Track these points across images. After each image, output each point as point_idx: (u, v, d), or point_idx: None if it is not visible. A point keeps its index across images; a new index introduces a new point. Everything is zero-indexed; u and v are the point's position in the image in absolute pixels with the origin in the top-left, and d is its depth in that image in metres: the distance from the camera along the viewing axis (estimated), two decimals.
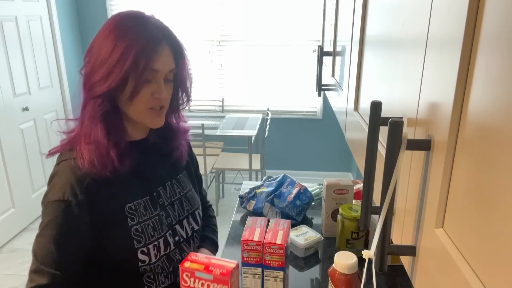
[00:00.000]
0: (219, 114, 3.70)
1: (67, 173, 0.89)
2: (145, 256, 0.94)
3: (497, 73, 0.26)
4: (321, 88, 1.25)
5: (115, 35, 0.84)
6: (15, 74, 3.00)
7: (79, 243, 0.90)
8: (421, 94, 0.39)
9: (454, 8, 0.32)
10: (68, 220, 0.88)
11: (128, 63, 0.83)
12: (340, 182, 1.40)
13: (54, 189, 0.89)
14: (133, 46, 0.83)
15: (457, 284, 0.30)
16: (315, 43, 3.63)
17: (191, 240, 1.08)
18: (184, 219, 1.06)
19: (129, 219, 0.93)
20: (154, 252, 0.96)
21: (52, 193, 0.89)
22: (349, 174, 3.99)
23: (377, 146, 0.44)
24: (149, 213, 0.97)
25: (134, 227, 0.94)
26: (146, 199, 0.98)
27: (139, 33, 0.85)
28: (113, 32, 0.85)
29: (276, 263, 1.04)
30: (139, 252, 0.93)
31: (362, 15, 0.70)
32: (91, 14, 3.77)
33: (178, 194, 1.07)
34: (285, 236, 1.05)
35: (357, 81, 0.74)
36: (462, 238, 0.31)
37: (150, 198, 0.99)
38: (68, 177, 0.88)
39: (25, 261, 2.75)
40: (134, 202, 0.95)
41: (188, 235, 1.07)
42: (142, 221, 0.95)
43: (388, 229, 0.40)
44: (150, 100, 0.90)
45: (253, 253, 1.04)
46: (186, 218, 1.07)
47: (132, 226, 0.93)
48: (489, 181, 0.27)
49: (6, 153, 2.91)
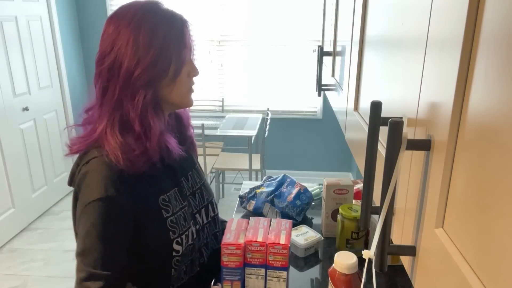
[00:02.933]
0: (219, 114, 3.70)
1: (103, 169, 0.85)
2: (179, 246, 0.96)
3: (497, 73, 0.26)
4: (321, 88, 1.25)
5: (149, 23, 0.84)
6: (15, 74, 3.00)
7: (127, 238, 0.89)
8: (421, 94, 0.39)
9: (454, 8, 0.32)
10: (115, 216, 0.86)
11: (172, 45, 0.85)
12: (340, 182, 1.39)
13: (91, 188, 0.85)
14: (172, 27, 0.86)
15: (457, 284, 0.30)
16: (315, 43, 3.63)
17: (206, 228, 1.09)
18: (203, 208, 1.07)
19: (164, 211, 0.94)
20: (185, 242, 0.97)
21: (90, 192, 0.85)
22: (349, 174, 3.98)
23: (377, 146, 0.44)
24: (179, 204, 0.98)
25: (169, 219, 0.94)
26: (175, 190, 0.98)
27: (169, 16, 0.87)
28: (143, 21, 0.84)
29: (279, 263, 1.04)
30: (174, 243, 0.95)
31: (362, 15, 0.70)
32: (91, 14, 3.77)
33: (198, 184, 1.08)
34: (288, 236, 1.05)
35: (357, 81, 0.74)
36: (462, 238, 0.31)
37: (178, 189, 0.99)
38: (105, 173, 0.85)
39: (25, 261, 2.75)
40: (166, 194, 0.96)
41: (205, 222, 1.07)
42: (175, 212, 0.96)
43: (388, 229, 0.40)
44: (188, 81, 0.93)
45: (257, 254, 1.04)
46: (205, 207, 1.08)
47: (168, 218, 0.94)
48: (489, 181, 0.27)
49: (6, 153, 2.91)
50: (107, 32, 0.87)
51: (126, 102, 0.86)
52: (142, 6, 0.87)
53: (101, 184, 0.85)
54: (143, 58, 0.84)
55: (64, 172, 3.65)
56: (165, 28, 0.85)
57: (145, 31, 0.84)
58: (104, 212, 0.84)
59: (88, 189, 0.86)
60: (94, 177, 0.86)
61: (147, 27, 0.84)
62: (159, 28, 0.85)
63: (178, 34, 0.87)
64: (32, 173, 3.22)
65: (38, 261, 2.76)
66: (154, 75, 0.85)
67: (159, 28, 0.85)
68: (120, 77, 0.85)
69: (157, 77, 0.86)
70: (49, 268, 2.68)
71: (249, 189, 1.63)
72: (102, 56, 0.87)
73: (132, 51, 0.84)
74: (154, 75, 0.85)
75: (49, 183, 3.44)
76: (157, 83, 0.87)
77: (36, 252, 2.85)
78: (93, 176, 0.86)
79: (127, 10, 0.87)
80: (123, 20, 0.85)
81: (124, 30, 0.84)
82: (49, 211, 3.42)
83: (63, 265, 2.70)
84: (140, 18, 0.85)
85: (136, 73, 0.84)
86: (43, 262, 2.75)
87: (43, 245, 2.94)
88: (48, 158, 3.41)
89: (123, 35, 0.84)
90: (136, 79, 0.84)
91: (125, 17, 0.86)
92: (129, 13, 0.86)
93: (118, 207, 0.86)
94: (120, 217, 0.87)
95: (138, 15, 0.85)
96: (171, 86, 0.89)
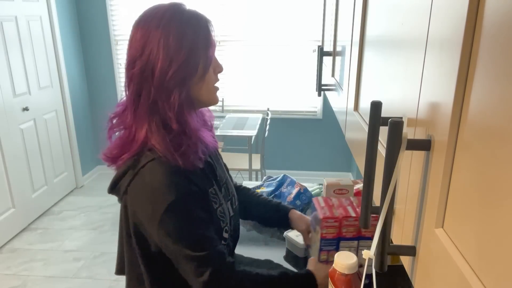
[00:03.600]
0: (219, 114, 3.70)
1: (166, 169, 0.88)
2: (227, 234, 1.03)
3: (497, 73, 0.26)
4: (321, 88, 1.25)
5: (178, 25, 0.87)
6: (15, 74, 3.00)
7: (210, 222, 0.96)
8: (421, 94, 0.39)
9: (454, 8, 0.32)
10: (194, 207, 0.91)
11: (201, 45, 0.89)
12: (340, 182, 1.39)
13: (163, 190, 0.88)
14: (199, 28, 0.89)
15: (457, 284, 0.30)
16: (315, 43, 3.63)
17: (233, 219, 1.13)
18: (229, 201, 1.11)
19: (213, 203, 0.99)
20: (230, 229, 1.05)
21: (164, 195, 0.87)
22: (349, 174, 3.98)
23: (377, 146, 0.44)
24: (221, 196, 1.04)
25: (218, 209, 1.01)
26: (216, 184, 1.04)
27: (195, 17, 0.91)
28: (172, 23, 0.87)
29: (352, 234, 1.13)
30: (224, 231, 1.02)
31: (362, 15, 0.70)
32: (91, 14, 3.77)
33: (224, 179, 1.12)
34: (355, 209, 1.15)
35: (357, 81, 0.74)
36: (462, 238, 0.31)
37: (216, 182, 1.04)
38: (169, 172, 0.88)
39: (25, 261, 2.75)
40: (212, 187, 1.01)
41: (231, 214, 1.11)
42: (221, 204, 1.03)
43: (388, 229, 0.40)
44: (214, 78, 0.96)
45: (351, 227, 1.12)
46: (230, 200, 1.12)
47: (217, 209, 1.00)
48: (489, 181, 0.27)
49: (6, 153, 2.91)
50: (135, 37, 0.89)
51: (161, 103, 0.89)
52: (168, 8, 0.90)
53: (171, 184, 0.88)
54: (175, 58, 0.86)
55: (64, 172, 3.65)
56: (192, 28, 0.88)
57: (175, 32, 0.86)
58: (187, 209, 0.90)
59: (160, 192, 0.88)
60: (161, 179, 0.88)
61: (176, 28, 0.87)
62: (187, 28, 0.88)
63: (205, 33, 0.90)
64: (32, 173, 3.22)
65: (38, 261, 2.76)
66: (187, 74, 0.88)
67: (187, 28, 0.88)
68: (154, 78, 0.87)
69: (189, 75, 0.89)
70: (49, 268, 2.68)
71: None
72: (133, 60, 0.89)
73: (164, 52, 0.86)
74: (187, 74, 0.88)
75: (49, 183, 3.44)
76: (189, 81, 0.90)
77: (36, 252, 2.85)
78: (158, 178, 0.88)
79: (154, 13, 0.89)
80: (152, 23, 0.87)
81: (153, 33, 0.87)
82: (49, 211, 3.42)
83: (63, 265, 2.70)
84: (169, 19, 0.87)
85: (170, 73, 0.86)
86: (43, 262, 2.75)
87: (43, 245, 2.94)
88: (48, 158, 3.41)
89: (153, 38, 0.86)
90: (170, 79, 0.87)
91: (153, 20, 0.88)
92: (156, 16, 0.88)
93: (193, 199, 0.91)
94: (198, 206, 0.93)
95: (166, 17, 0.88)
96: (200, 84, 0.93)
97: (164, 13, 0.88)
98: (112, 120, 0.97)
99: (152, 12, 0.90)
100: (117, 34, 3.82)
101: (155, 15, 0.88)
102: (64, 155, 3.64)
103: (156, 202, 0.88)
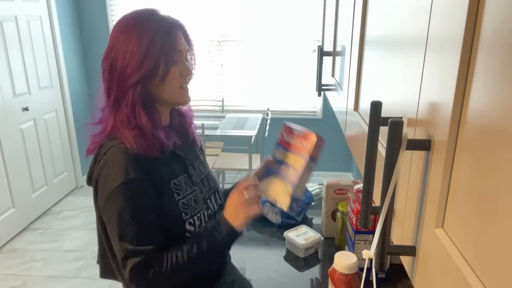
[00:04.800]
0: (219, 114, 3.70)
1: (121, 156, 0.94)
2: (191, 227, 1.04)
3: (497, 73, 0.26)
4: (321, 88, 1.25)
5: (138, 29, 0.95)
6: (15, 74, 3.00)
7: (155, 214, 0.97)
8: (421, 94, 0.39)
9: (454, 8, 0.32)
10: (141, 196, 0.95)
11: (157, 49, 0.94)
12: (340, 182, 1.39)
13: (113, 175, 0.93)
14: (158, 33, 0.95)
15: (457, 284, 0.30)
16: (315, 43, 3.63)
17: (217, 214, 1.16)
18: (212, 195, 1.16)
19: (175, 194, 1.02)
20: (198, 223, 1.05)
21: (113, 179, 0.93)
22: (349, 174, 3.98)
23: (377, 146, 0.44)
24: (189, 188, 1.07)
25: (181, 201, 1.03)
26: (184, 176, 1.07)
27: (158, 22, 0.97)
28: (134, 27, 0.95)
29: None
30: (187, 223, 1.03)
31: (362, 15, 0.70)
32: (91, 14, 3.77)
33: (204, 173, 1.17)
34: None
35: (357, 81, 0.74)
36: (462, 238, 0.31)
37: (187, 175, 1.08)
38: (124, 159, 0.94)
39: (25, 261, 2.75)
40: (177, 178, 1.04)
41: (215, 208, 1.16)
42: (186, 196, 1.05)
43: (388, 229, 0.40)
44: (179, 79, 1.01)
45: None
46: (213, 194, 1.17)
47: (179, 200, 1.02)
48: (489, 181, 0.27)
49: (6, 153, 2.91)
50: (110, 37, 0.99)
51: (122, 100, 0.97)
52: (136, 14, 0.98)
53: (122, 169, 0.93)
54: (131, 61, 0.94)
55: (64, 172, 3.65)
56: (151, 33, 0.95)
57: (135, 36, 0.94)
58: (131, 194, 0.93)
59: (111, 175, 0.94)
60: (115, 163, 0.94)
61: (136, 33, 0.94)
62: (145, 34, 0.94)
63: (165, 38, 0.96)
64: (32, 173, 3.22)
65: (38, 261, 2.76)
66: (142, 75, 0.94)
67: (145, 34, 0.94)
68: (115, 78, 0.96)
69: (146, 77, 0.95)
70: (49, 268, 2.68)
71: None
72: (103, 60, 0.99)
73: (123, 55, 0.95)
74: (142, 76, 0.95)
75: (49, 183, 3.44)
76: (146, 82, 0.96)
77: (36, 252, 2.85)
78: (113, 162, 0.94)
79: (125, 18, 0.98)
80: (120, 27, 0.97)
81: (119, 36, 0.96)
82: (49, 211, 3.42)
83: (63, 265, 2.70)
84: (132, 25, 0.96)
85: (126, 74, 0.95)
86: (43, 262, 2.75)
87: (43, 245, 2.94)
88: (48, 158, 3.41)
89: (118, 41, 0.96)
90: (126, 79, 0.95)
91: (122, 25, 0.97)
92: (125, 21, 0.97)
93: (142, 187, 0.95)
94: (145, 196, 0.95)
95: (131, 22, 0.96)
96: (162, 85, 0.98)
97: (132, 18, 0.97)
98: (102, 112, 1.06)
99: (126, 16, 0.99)
100: None
101: (125, 19, 0.98)
102: (64, 155, 3.64)
103: (104, 185, 0.94)
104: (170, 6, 3.65)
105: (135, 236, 0.93)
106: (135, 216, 0.93)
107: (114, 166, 0.94)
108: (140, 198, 0.95)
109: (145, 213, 0.95)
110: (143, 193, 0.95)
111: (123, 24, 0.97)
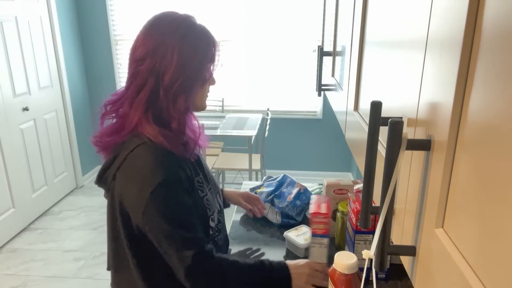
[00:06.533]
0: (219, 114, 3.70)
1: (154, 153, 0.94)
2: (213, 223, 1.07)
3: (497, 73, 0.26)
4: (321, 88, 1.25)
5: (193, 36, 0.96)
6: (15, 74, 3.00)
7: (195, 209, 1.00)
8: (421, 94, 0.39)
9: (454, 8, 0.32)
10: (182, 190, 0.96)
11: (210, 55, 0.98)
12: (340, 182, 1.39)
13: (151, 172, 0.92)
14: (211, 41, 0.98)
15: (457, 284, 0.30)
16: (315, 43, 3.63)
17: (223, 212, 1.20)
18: (217, 194, 1.19)
19: (199, 191, 1.05)
20: (216, 220, 1.09)
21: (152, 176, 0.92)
22: (349, 174, 3.98)
23: (377, 146, 0.44)
24: (207, 186, 1.10)
25: (205, 198, 1.06)
26: (202, 175, 1.10)
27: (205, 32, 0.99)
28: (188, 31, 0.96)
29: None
30: (210, 220, 1.06)
31: (362, 15, 0.70)
32: (91, 14, 3.77)
33: (209, 173, 1.19)
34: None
35: (357, 81, 0.74)
36: (462, 238, 0.31)
37: (202, 174, 1.11)
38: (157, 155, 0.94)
39: (25, 261, 2.75)
40: (199, 176, 1.07)
41: (222, 207, 1.20)
42: (207, 193, 1.08)
43: (388, 229, 0.40)
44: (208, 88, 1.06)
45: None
46: (218, 193, 1.20)
47: (203, 197, 1.05)
48: (489, 181, 0.27)
49: (6, 153, 2.91)
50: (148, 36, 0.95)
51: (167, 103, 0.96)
52: (184, 19, 0.98)
53: (159, 166, 0.93)
54: (188, 67, 0.95)
55: (64, 172, 3.65)
56: (204, 42, 0.97)
57: (190, 43, 0.95)
58: (173, 189, 0.94)
59: (147, 174, 0.93)
60: (149, 161, 0.93)
61: (191, 40, 0.95)
62: (200, 42, 0.97)
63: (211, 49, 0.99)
64: (32, 173, 3.22)
65: (38, 261, 2.76)
66: (194, 82, 0.97)
67: (200, 42, 0.97)
68: (164, 81, 0.94)
69: (195, 84, 0.98)
70: (49, 268, 2.68)
71: (249, 189, 1.63)
72: (142, 58, 0.95)
73: (177, 60, 0.93)
74: (193, 83, 0.97)
75: (49, 183, 3.44)
76: (194, 89, 0.99)
77: (36, 252, 2.86)
78: (147, 160, 0.94)
79: (171, 19, 0.96)
80: (168, 29, 0.95)
81: (168, 39, 0.94)
82: (49, 211, 3.42)
83: (63, 265, 2.70)
84: (186, 30, 0.95)
85: (180, 80, 0.94)
86: (43, 262, 2.75)
87: (43, 245, 2.94)
88: (48, 158, 3.41)
89: (168, 43, 0.93)
90: (180, 85, 0.95)
91: (170, 26, 0.95)
92: (174, 23, 0.95)
93: (180, 183, 0.96)
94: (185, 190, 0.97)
95: (183, 26, 0.95)
96: (199, 92, 1.02)
97: (181, 22, 0.96)
98: (106, 107, 1.03)
99: (169, 18, 0.97)
100: (117, 34, 3.82)
101: (172, 22, 0.95)
102: (64, 155, 3.64)
103: (144, 183, 0.92)
104: (170, 6, 3.65)
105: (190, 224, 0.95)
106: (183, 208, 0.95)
107: (149, 163, 0.93)
108: (181, 193, 0.96)
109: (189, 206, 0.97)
110: (183, 188, 0.97)
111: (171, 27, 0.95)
